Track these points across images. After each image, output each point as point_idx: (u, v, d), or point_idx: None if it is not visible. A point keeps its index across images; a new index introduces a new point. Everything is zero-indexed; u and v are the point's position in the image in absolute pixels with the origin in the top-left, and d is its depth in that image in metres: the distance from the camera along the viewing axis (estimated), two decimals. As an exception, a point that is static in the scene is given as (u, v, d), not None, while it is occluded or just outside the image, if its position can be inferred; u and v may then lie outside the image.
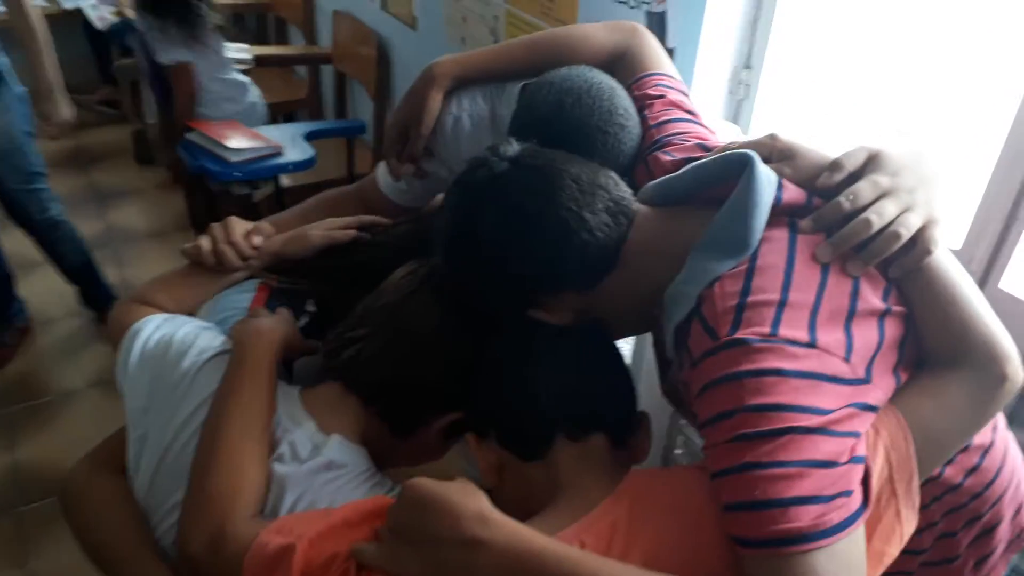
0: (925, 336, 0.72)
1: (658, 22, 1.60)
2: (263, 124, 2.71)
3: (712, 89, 1.57)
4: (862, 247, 0.71)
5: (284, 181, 2.52)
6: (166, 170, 3.60)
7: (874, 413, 0.66)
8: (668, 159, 0.90)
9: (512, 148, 0.81)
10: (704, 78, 1.54)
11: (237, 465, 0.76)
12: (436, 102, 1.07)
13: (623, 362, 0.85)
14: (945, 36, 1.36)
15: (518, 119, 0.98)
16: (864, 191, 0.71)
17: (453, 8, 2.38)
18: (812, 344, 0.65)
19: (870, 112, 1.48)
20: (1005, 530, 0.86)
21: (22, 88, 2.16)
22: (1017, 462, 0.87)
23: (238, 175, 2.31)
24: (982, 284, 1.27)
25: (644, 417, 0.83)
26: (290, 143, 2.41)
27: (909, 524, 0.66)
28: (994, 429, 0.82)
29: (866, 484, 0.63)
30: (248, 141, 2.33)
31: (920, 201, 0.72)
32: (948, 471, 0.80)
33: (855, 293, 0.70)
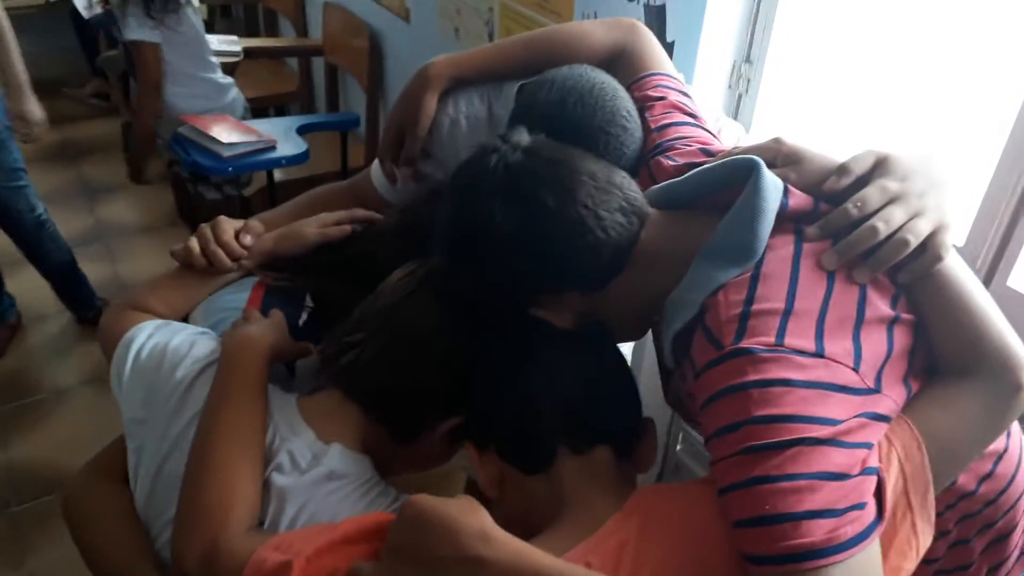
0: (936, 344, 0.71)
1: (657, 15, 1.58)
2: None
3: (712, 83, 1.56)
4: (869, 254, 0.69)
5: (276, 176, 2.49)
6: (126, 164, 3.53)
7: (886, 423, 0.65)
8: (671, 164, 0.89)
9: (524, 137, 0.78)
10: (704, 72, 1.53)
11: (229, 478, 0.74)
12: (431, 104, 1.05)
13: (627, 368, 0.83)
14: (949, 29, 1.34)
15: (517, 119, 0.95)
16: (872, 196, 0.70)
17: (447, -1, 2.35)
18: (819, 354, 0.63)
19: (872, 108, 1.47)
20: (1019, 536, 0.85)
21: None
22: None
23: (230, 170, 2.29)
24: (987, 281, 1.26)
25: (649, 424, 0.81)
26: (282, 137, 2.39)
27: (925, 537, 0.64)
28: (1008, 435, 0.81)
29: (880, 496, 0.61)
30: (240, 135, 2.30)
31: (930, 206, 0.70)
32: (961, 478, 0.79)
33: (862, 300, 0.68)
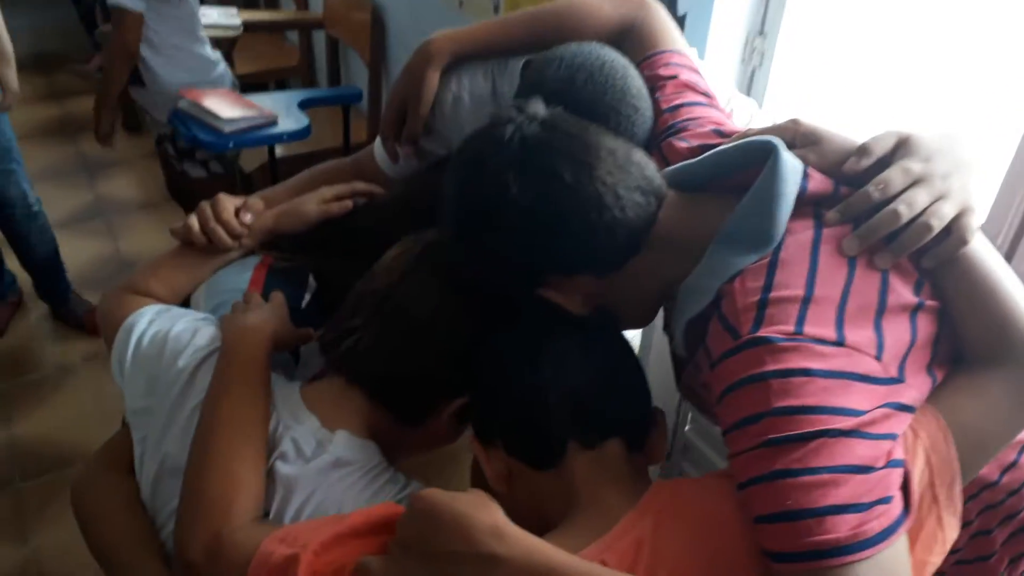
0: (962, 331, 0.69)
1: (668, -13, 1.54)
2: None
3: (725, 57, 1.52)
4: (891, 239, 0.67)
5: (277, 151, 2.45)
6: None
7: (910, 414, 0.63)
8: (684, 146, 0.86)
9: (541, 109, 0.75)
10: (716, 46, 1.49)
11: (232, 468, 0.73)
12: (434, 80, 1.02)
13: (635, 357, 0.80)
14: (968, 2, 1.30)
15: (523, 96, 0.93)
16: (895, 179, 0.67)
17: (450, -30, 2.30)
18: (840, 342, 0.62)
19: (889, 84, 1.43)
20: None
21: None
22: None
23: (231, 145, 2.25)
24: (1008, 260, 1.23)
25: (659, 415, 0.79)
26: (284, 112, 2.34)
27: (952, 531, 0.62)
28: None
29: (906, 490, 0.59)
30: (241, 110, 2.26)
31: (954, 188, 0.68)
32: (985, 468, 0.77)
33: (884, 287, 0.66)
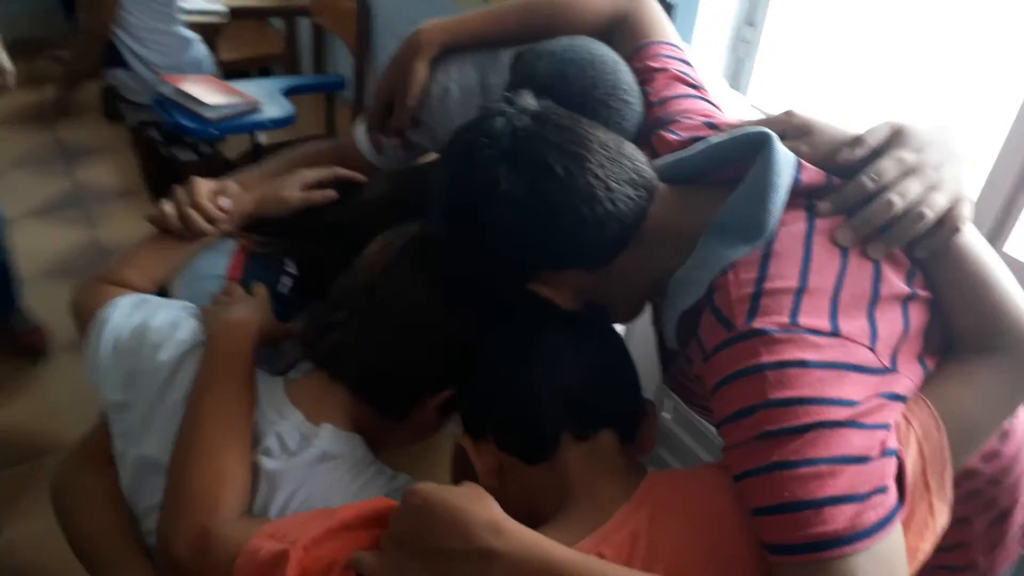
0: (953, 320, 0.69)
1: (657, -25, 1.52)
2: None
3: (713, 46, 1.52)
4: (885, 229, 0.67)
5: (261, 139, 2.42)
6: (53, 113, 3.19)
7: (903, 404, 0.63)
8: (674, 138, 0.85)
9: (532, 101, 0.74)
10: (705, 35, 1.49)
11: (217, 463, 0.71)
12: (422, 71, 1.00)
13: (625, 348, 0.80)
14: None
15: (514, 89, 0.91)
16: (888, 169, 0.67)
17: (437, -43, 2.27)
18: (834, 333, 0.62)
19: (877, 75, 1.43)
20: (1020, 515, 0.84)
21: None
22: None
23: (215, 132, 2.21)
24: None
25: (649, 406, 0.79)
26: (267, 99, 2.30)
27: (942, 518, 0.63)
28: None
29: (900, 479, 0.59)
30: (225, 97, 2.23)
31: (947, 178, 0.68)
32: None
33: (877, 277, 0.66)
